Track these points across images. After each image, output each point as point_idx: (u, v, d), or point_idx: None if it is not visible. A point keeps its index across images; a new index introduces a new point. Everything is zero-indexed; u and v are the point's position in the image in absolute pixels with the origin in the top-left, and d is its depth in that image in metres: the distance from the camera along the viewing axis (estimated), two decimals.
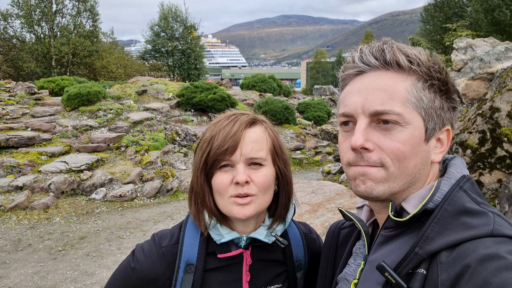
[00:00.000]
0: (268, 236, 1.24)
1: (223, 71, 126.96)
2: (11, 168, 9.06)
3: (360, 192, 0.92)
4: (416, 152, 0.88)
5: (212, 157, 1.15)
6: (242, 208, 1.14)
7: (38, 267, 5.68)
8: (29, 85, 14.89)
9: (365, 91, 0.90)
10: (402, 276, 0.82)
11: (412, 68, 0.89)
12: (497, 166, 3.84)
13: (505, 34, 23.25)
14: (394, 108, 0.87)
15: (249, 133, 1.17)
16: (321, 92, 26.13)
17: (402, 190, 0.90)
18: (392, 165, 0.87)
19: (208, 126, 1.24)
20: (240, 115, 1.21)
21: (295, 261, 1.32)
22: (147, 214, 8.05)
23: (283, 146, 1.26)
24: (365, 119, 0.89)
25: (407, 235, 0.89)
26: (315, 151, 13.75)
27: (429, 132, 0.90)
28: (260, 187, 1.16)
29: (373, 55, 0.92)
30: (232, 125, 1.17)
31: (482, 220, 0.81)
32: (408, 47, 0.93)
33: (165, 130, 12.54)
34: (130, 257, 1.25)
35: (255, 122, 1.22)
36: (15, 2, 30.77)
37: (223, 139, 1.14)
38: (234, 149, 1.14)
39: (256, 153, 1.16)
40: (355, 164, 0.91)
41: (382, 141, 0.88)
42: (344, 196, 4.37)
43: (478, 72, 5.00)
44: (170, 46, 36.52)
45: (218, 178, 1.16)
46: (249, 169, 1.15)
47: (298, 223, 1.42)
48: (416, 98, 0.88)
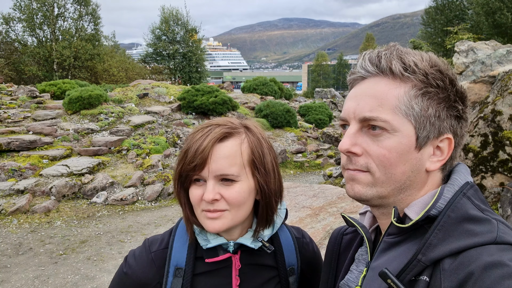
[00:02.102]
0: (254, 241, 1.23)
1: (225, 74, 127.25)
2: (13, 172, 9.07)
3: (350, 195, 0.95)
4: (404, 160, 0.88)
5: (184, 171, 1.14)
6: (212, 222, 1.13)
7: (39, 271, 5.67)
8: (31, 89, 14.93)
9: (359, 97, 0.92)
10: (404, 283, 0.81)
11: (405, 75, 0.89)
12: (499, 169, 3.82)
13: (506, 37, 23.25)
14: (381, 115, 0.87)
15: (219, 149, 1.12)
16: (322, 95, 26.15)
17: (393, 195, 0.91)
18: (378, 170, 0.89)
19: (188, 135, 1.21)
20: (214, 127, 1.15)
21: (287, 266, 1.31)
22: (148, 217, 8.04)
23: (266, 156, 1.20)
24: (355, 124, 0.92)
25: (410, 242, 0.88)
26: (317, 154, 13.74)
27: (421, 140, 0.89)
28: (231, 204, 1.13)
29: (371, 61, 0.93)
30: (203, 140, 1.12)
31: (486, 227, 0.80)
32: (411, 53, 0.92)
33: (167, 133, 12.55)
34: (123, 263, 1.27)
35: (229, 135, 1.15)
36: (17, 6, 30.95)
37: (193, 155, 1.11)
38: (202, 167, 1.11)
39: (226, 169, 1.11)
40: (346, 168, 0.94)
41: (370, 147, 0.89)
42: (345, 200, 4.36)
43: (480, 75, 4.99)
44: (171, 49, 36.64)
45: (192, 191, 1.16)
46: (220, 185, 1.12)
47: (290, 227, 1.41)
48: (406, 105, 0.88)
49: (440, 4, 33.09)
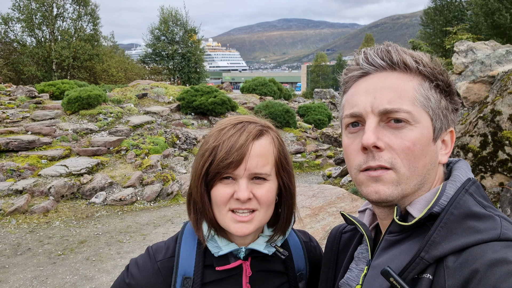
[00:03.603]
0: (268, 247, 1.19)
1: (224, 74, 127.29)
2: (11, 172, 9.05)
3: (373, 199, 0.90)
4: (426, 152, 0.88)
5: (214, 169, 1.08)
6: (242, 225, 1.08)
7: (37, 271, 5.65)
8: (30, 89, 14.91)
9: (373, 91, 0.90)
10: (407, 281, 0.80)
11: (419, 68, 0.90)
12: (499, 169, 3.82)
13: (505, 38, 23.27)
14: (403, 106, 0.86)
15: (256, 146, 1.08)
16: (321, 95, 26.17)
17: (413, 192, 0.89)
18: (403, 165, 0.86)
19: (212, 132, 1.14)
20: (248, 124, 1.12)
21: (297, 271, 1.27)
22: (147, 218, 8.02)
23: (288, 157, 1.18)
24: (374, 118, 0.88)
25: (412, 240, 0.87)
26: (316, 154, 13.74)
27: (437, 132, 0.90)
28: (262, 203, 1.10)
29: (379, 56, 0.92)
30: (238, 136, 1.08)
31: (489, 224, 0.79)
32: (409, 50, 0.94)
33: (166, 133, 12.53)
34: (124, 273, 1.20)
35: (263, 133, 1.12)
36: (16, 6, 30.92)
37: (228, 152, 1.06)
38: (239, 164, 1.06)
39: (261, 168, 1.08)
40: (366, 168, 0.89)
41: (393, 140, 0.86)
42: (345, 200, 4.35)
43: (479, 75, 4.99)
44: (170, 49, 36.64)
45: (218, 190, 1.09)
46: (251, 184, 1.09)
47: (297, 231, 1.38)
48: (424, 97, 0.88)
49: (439, 5, 33.16)
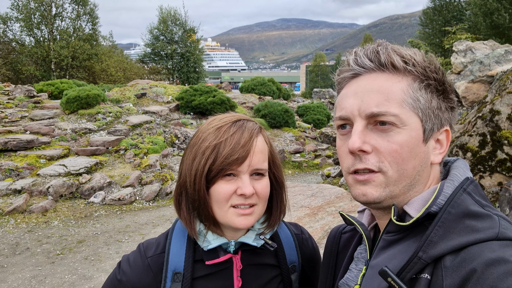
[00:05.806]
0: (256, 239, 1.21)
1: (223, 74, 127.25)
2: (10, 171, 9.03)
3: (361, 201, 0.91)
4: (415, 154, 0.87)
5: (218, 166, 1.10)
6: (244, 218, 1.12)
7: (36, 271, 5.64)
8: (28, 88, 14.87)
9: (361, 94, 0.89)
10: (405, 281, 0.80)
11: (407, 68, 0.88)
12: (498, 169, 3.82)
13: (504, 37, 23.30)
14: (390, 109, 0.86)
15: (256, 143, 1.14)
16: (320, 95, 26.17)
17: (403, 193, 0.89)
18: (390, 168, 0.86)
19: (205, 131, 1.16)
20: (246, 122, 1.17)
21: (289, 263, 1.29)
22: (146, 217, 8.02)
23: (276, 151, 1.25)
24: (361, 122, 0.88)
25: (409, 240, 0.87)
26: (315, 154, 13.74)
27: (427, 133, 0.89)
28: (261, 198, 1.15)
29: (368, 57, 0.91)
30: (241, 133, 1.12)
31: (487, 223, 0.79)
32: (403, 48, 0.92)
33: (165, 133, 12.53)
34: (116, 269, 1.21)
35: (260, 131, 1.19)
36: (14, 6, 30.85)
37: (233, 148, 1.09)
38: (244, 160, 1.10)
39: (261, 164, 1.14)
40: (354, 170, 0.90)
41: (380, 143, 0.86)
42: (344, 200, 4.35)
43: (478, 75, 4.99)
44: (169, 49, 36.60)
45: (221, 187, 1.11)
46: (252, 180, 1.13)
47: (288, 224, 1.40)
48: (413, 98, 0.87)
49: (438, 5, 33.22)
